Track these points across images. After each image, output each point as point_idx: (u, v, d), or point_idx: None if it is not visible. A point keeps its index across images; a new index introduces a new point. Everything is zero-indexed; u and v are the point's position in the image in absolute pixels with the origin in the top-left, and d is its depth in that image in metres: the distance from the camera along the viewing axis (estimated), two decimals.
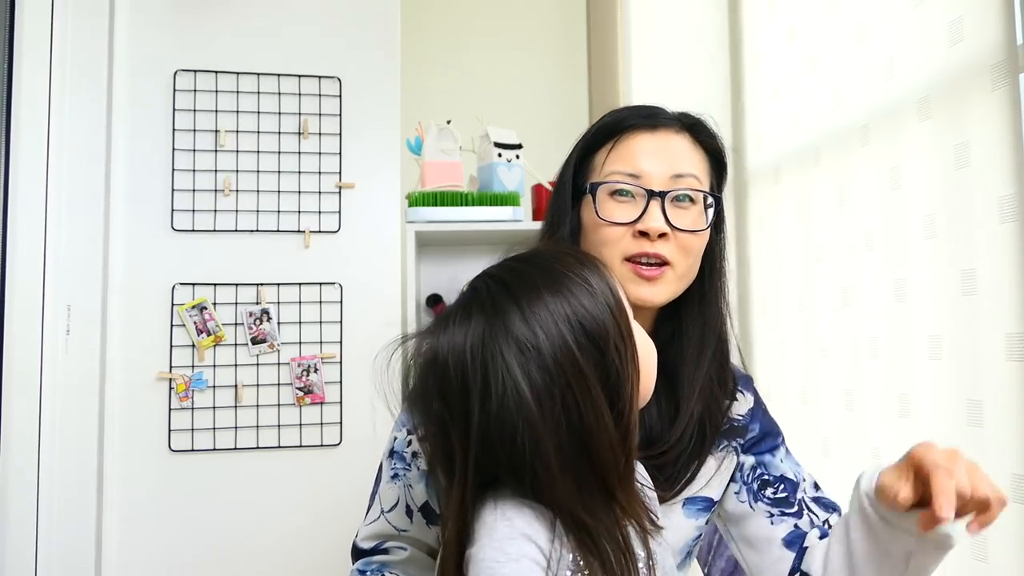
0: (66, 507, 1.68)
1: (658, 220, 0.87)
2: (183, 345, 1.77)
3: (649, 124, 0.93)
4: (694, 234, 0.90)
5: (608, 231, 0.90)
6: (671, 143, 0.92)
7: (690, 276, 0.92)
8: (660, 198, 0.88)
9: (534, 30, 2.38)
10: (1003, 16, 0.87)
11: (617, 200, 0.90)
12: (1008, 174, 0.86)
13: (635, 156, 0.91)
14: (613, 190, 0.90)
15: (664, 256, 0.88)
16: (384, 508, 0.93)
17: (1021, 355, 0.84)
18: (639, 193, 0.89)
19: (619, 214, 0.89)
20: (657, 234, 0.87)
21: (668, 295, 0.90)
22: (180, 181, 1.80)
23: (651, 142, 0.92)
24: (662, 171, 0.90)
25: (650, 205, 0.88)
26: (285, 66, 1.87)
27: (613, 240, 0.89)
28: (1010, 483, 0.85)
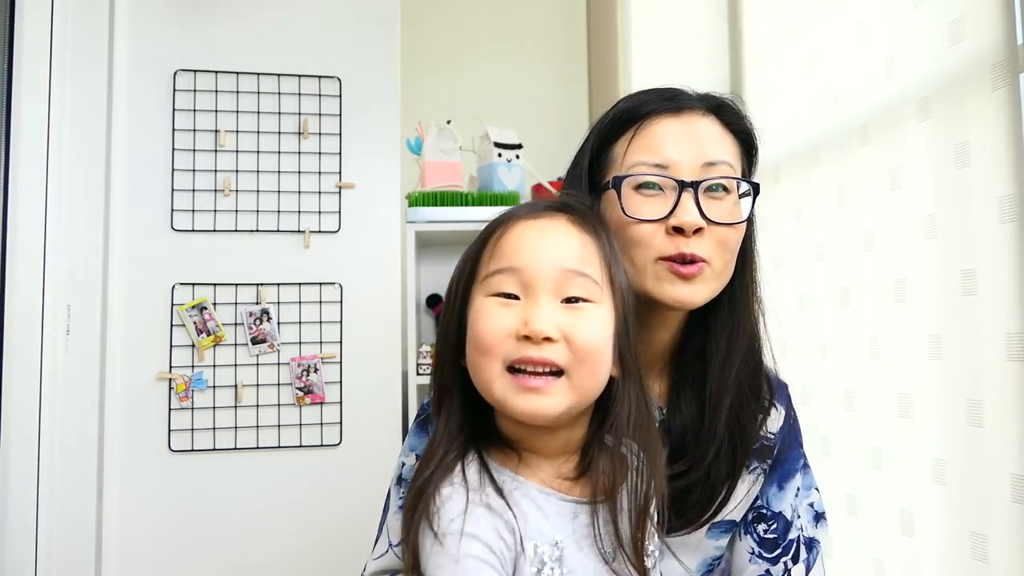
0: (66, 507, 1.67)
1: (692, 213, 0.78)
2: (183, 345, 1.77)
3: (673, 107, 0.83)
4: (731, 227, 0.81)
5: (638, 230, 0.80)
6: (698, 127, 0.82)
7: (728, 274, 0.83)
8: (693, 189, 0.79)
9: (534, 30, 2.38)
10: (1003, 16, 0.87)
11: (644, 195, 0.80)
12: (1008, 174, 0.86)
13: (660, 144, 0.81)
14: (639, 183, 0.80)
15: (700, 255, 0.79)
16: (392, 542, 0.86)
17: (1021, 355, 0.84)
18: (668, 185, 0.79)
19: (648, 210, 0.79)
20: (693, 229, 0.78)
21: (707, 295, 0.81)
22: (180, 181, 1.80)
23: (676, 127, 0.82)
24: (692, 159, 0.80)
25: (682, 197, 0.78)
26: (285, 66, 1.87)
27: (645, 239, 0.80)
28: (1010, 483, 0.85)
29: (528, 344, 0.65)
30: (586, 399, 0.69)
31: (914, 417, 1.02)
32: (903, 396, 1.04)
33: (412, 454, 0.90)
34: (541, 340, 0.65)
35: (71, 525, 1.68)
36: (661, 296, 0.80)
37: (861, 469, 1.13)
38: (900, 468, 1.05)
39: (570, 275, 0.67)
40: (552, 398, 0.66)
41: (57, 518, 1.66)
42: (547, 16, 2.40)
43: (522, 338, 0.65)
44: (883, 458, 1.08)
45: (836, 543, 1.19)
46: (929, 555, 0.99)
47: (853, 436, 1.16)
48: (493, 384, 0.67)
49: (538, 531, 0.67)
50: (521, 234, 0.70)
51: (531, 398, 0.65)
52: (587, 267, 0.68)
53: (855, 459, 1.15)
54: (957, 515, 0.93)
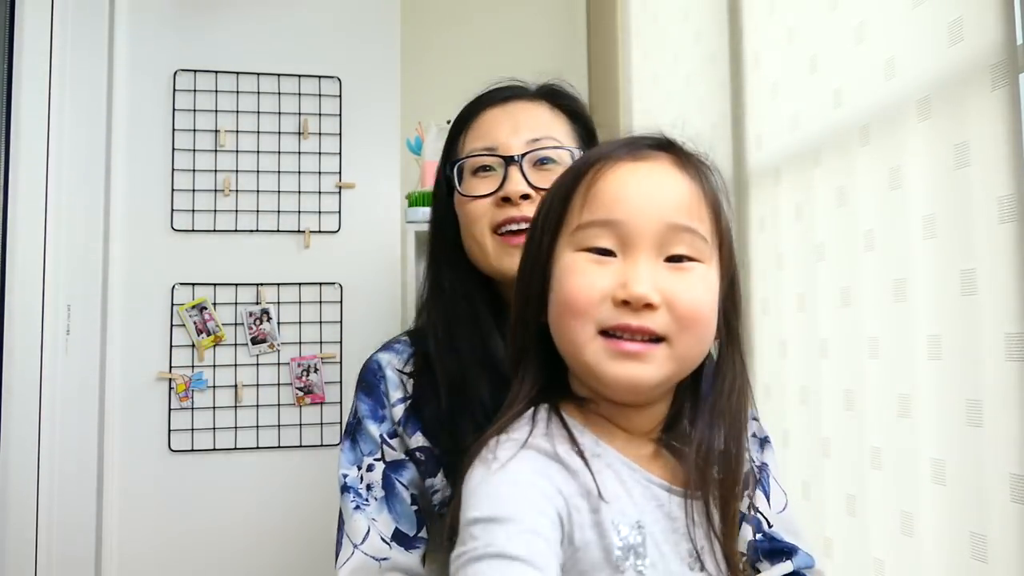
0: (66, 507, 1.67)
1: (518, 184, 0.87)
2: (183, 345, 1.77)
3: (500, 98, 0.95)
4: None
5: (473, 206, 0.90)
6: (525, 111, 0.93)
7: None
8: (518, 162, 0.88)
9: (534, 30, 2.38)
10: (1003, 16, 0.87)
11: (480, 177, 0.91)
12: (1008, 174, 0.86)
13: (489, 129, 0.92)
14: (475, 167, 0.91)
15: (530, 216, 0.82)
16: (356, 542, 0.89)
17: (1021, 355, 0.84)
18: (498, 163, 0.90)
19: (482, 187, 0.90)
20: (519, 196, 0.86)
21: None
22: (180, 181, 1.80)
23: (503, 113, 0.93)
24: (518, 138, 0.90)
25: (509, 171, 0.88)
26: (285, 66, 1.87)
27: (479, 213, 0.89)
28: (1009, 483, 0.85)
29: (626, 310, 0.57)
30: (686, 369, 0.61)
31: (914, 417, 1.02)
32: (903, 396, 1.04)
33: (353, 467, 0.94)
34: (641, 306, 0.57)
35: (71, 525, 1.68)
36: (501, 269, 0.88)
37: (861, 469, 1.13)
38: (900, 468, 1.05)
39: (676, 230, 0.59)
40: (651, 365, 0.58)
41: (57, 518, 1.66)
42: (547, 16, 2.40)
43: (620, 303, 0.57)
44: (883, 458, 1.08)
45: (836, 543, 1.19)
46: (929, 555, 0.99)
47: (853, 436, 1.16)
48: (585, 348, 0.58)
49: (619, 508, 0.58)
50: (620, 180, 0.59)
51: (628, 365, 0.58)
52: (695, 221, 0.59)
53: (855, 459, 1.15)
54: (957, 515, 0.93)
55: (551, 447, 0.58)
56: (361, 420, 0.95)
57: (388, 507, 0.89)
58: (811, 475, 1.27)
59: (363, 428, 0.94)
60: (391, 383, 0.94)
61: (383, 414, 0.93)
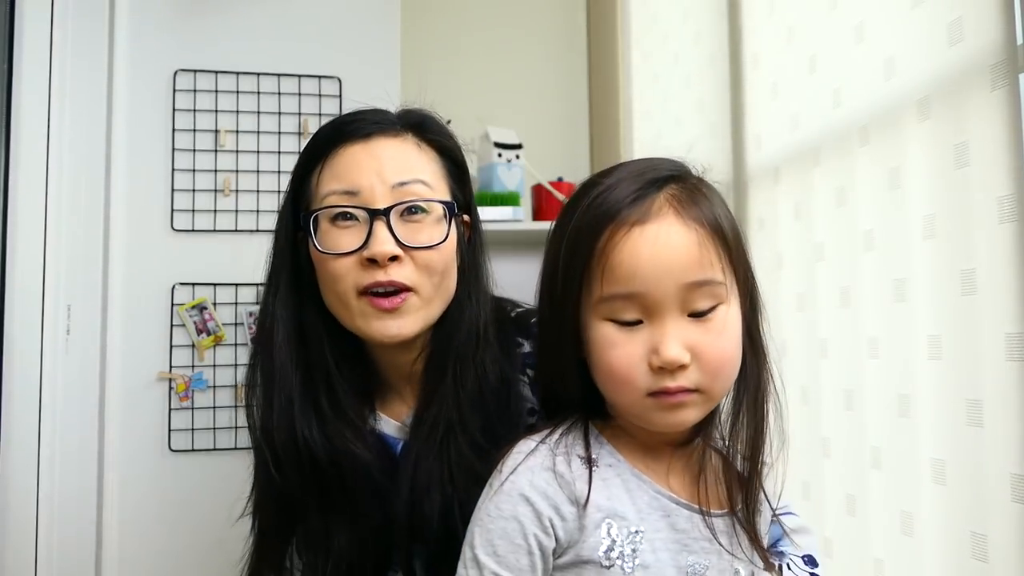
0: (66, 507, 1.67)
1: (385, 243, 0.77)
2: (183, 345, 1.77)
3: (363, 133, 0.82)
4: (431, 249, 0.79)
5: (334, 264, 0.79)
6: (389, 149, 0.82)
7: (442, 297, 0.82)
8: (384, 216, 0.78)
9: (534, 30, 2.38)
10: (1003, 16, 0.87)
11: (340, 226, 0.80)
12: (1008, 174, 0.86)
13: (349, 171, 0.80)
14: (333, 215, 0.80)
15: (402, 282, 0.78)
16: None
17: (1021, 355, 0.84)
18: (361, 214, 0.79)
19: (343, 241, 0.79)
20: (387, 258, 0.77)
21: (418, 325, 0.80)
22: (180, 181, 1.80)
23: (365, 152, 0.81)
24: (382, 183, 0.79)
25: (374, 226, 0.77)
26: (285, 66, 1.87)
27: (342, 273, 0.79)
28: (1010, 483, 0.85)
29: (663, 373, 0.63)
30: (717, 402, 0.68)
31: (914, 417, 1.02)
32: (903, 396, 1.04)
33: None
34: (675, 369, 0.63)
35: (71, 525, 1.68)
36: (370, 333, 0.80)
37: (861, 469, 1.13)
38: (900, 468, 1.05)
39: (693, 288, 0.63)
40: (691, 410, 0.65)
41: (57, 518, 1.66)
42: (547, 16, 2.40)
43: (656, 368, 0.63)
44: (883, 458, 1.08)
45: (836, 543, 1.19)
46: (929, 555, 0.99)
47: (853, 436, 1.16)
48: (634, 407, 0.66)
49: (619, 512, 0.65)
50: (633, 252, 0.62)
51: (673, 414, 0.65)
52: (708, 271, 0.63)
53: (855, 459, 1.15)
54: (957, 515, 0.93)
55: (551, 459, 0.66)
56: None
57: None
58: (811, 475, 1.27)
59: None
60: None
61: None
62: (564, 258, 0.66)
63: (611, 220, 0.64)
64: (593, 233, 0.64)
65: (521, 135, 1.89)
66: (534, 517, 0.64)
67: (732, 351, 0.65)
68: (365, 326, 0.80)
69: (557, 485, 0.65)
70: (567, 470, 0.65)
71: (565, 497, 0.64)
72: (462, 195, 0.88)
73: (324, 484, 0.82)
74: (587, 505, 0.64)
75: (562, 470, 0.65)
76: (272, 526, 0.84)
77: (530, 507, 0.64)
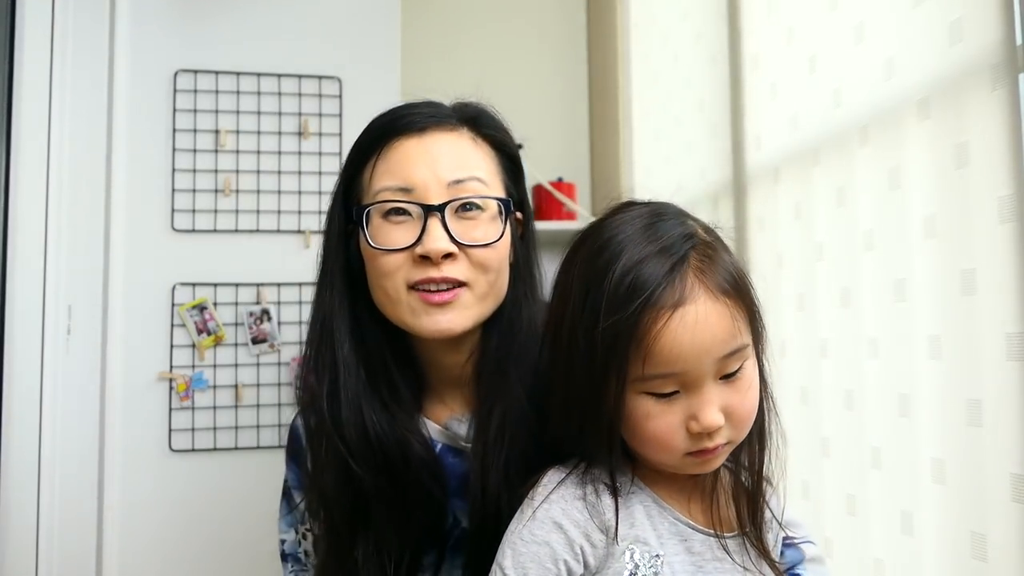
0: (66, 507, 1.67)
1: (439, 240, 0.75)
2: (183, 345, 1.77)
3: (418, 127, 0.80)
4: (487, 248, 0.78)
5: (385, 260, 0.77)
6: (445, 144, 0.80)
7: (495, 295, 0.80)
8: (439, 212, 0.76)
9: (534, 30, 2.38)
10: (1003, 16, 0.87)
11: (392, 222, 0.78)
12: (1008, 174, 0.86)
13: (403, 166, 0.78)
14: (385, 211, 0.78)
15: (455, 278, 0.76)
16: None
17: (1021, 355, 0.84)
18: (415, 210, 0.77)
19: (395, 237, 0.77)
20: (440, 256, 0.75)
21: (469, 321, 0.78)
22: (180, 181, 1.80)
23: (420, 147, 0.79)
24: (437, 179, 0.77)
25: (428, 223, 0.76)
26: (285, 66, 1.87)
27: (393, 268, 0.77)
28: (1010, 483, 0.85)
29: (702, 437, 0.66)
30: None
31: (914, 417, 1.02)
32: (903, 396, 1.04)
33: (290, 530, 0.91)
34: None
35: (71, 525, 1.68)
36: (420, 328, 0.78)
37: (861, 469, 1.13)
38: (900, 468, 1.05)
39: (727, 358, 0.65)
40: (720, 458, 0.69)
41: (57, 518, 1.66)
42: (547, 16, 2.40)
43: (695, 433, 0.65)
44: (883, 458, 1.08)
45: (836, 543, 1.20)
46: (929, 555, 0.99)
47: (853, 436, 1.16)
48: (671, 465, 0.69)
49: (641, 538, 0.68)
50: (674, 338, 0.63)
51: (707, 465, 0.69)
52: (739, 337, 0.66)
53: (855, 459, 1.15)
54: (957, 515, 0.93)
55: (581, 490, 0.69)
56: (290, 490, 0.93)
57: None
58: (811, 475, 1.27)
59: (292, 497, 0.93)
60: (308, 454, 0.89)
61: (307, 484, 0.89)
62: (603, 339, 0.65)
63: (647, 304, 0.64)
64: (631, 317, 0.64)
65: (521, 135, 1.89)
66: (566, 544, 0.67)
67: (755, 400, 0.69)
68: (414, 321, 0.78)
69: (588, 514, 0.68)
70: (596, 500, 0.68)
71: (595, 526, 0.68)
72: (516, 192, 0.86)
73: (393, 477, 0.80)
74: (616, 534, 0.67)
75: (592, 500, 0.68)
76: (345, 521, 0.81)
77: (563, 534, 0.67)
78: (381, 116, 0.84)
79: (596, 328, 0.65)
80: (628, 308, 0.64)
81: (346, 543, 0.81)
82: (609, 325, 0.64)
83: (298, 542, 0.92)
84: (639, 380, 0.65)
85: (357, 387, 0.81)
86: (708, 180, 1.66)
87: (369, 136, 0.84)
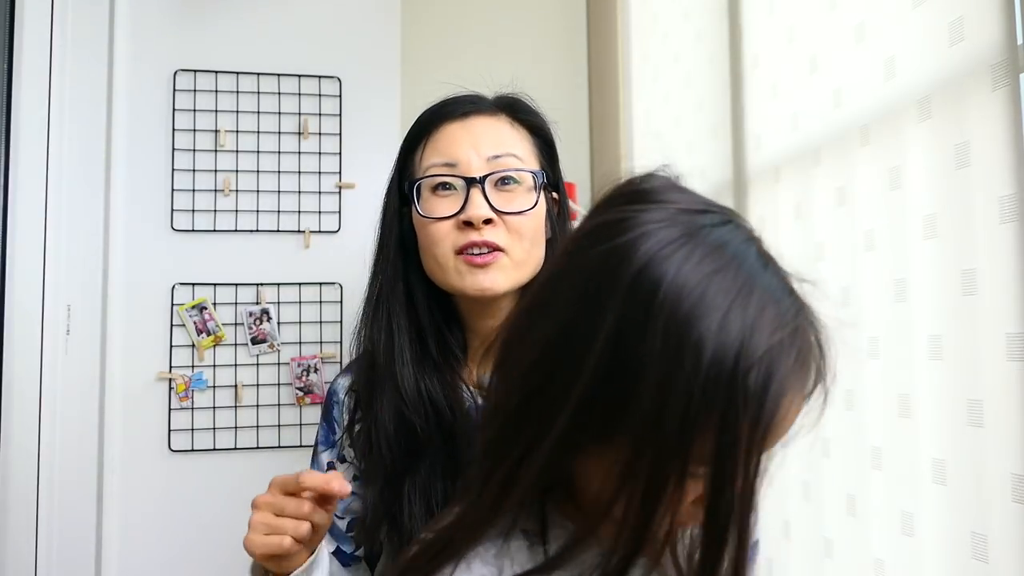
0: (66, 507, 1.67)
1: (480, 207, 0.85)
2: (183, 345, 1.77)
3: (461, 112, 0.92)
4: (523, 215, 0.87)
5: (434, 228, 0.88)
6: (485, 126, 0.91)
7: (531, 263, 0.89)
8: (480, 183, 0.86)
9: (534, 30, 2.38)
10: (1003, 16, 0.87)
11: (440, 195, 0.89)
12: (1008, 174, 0.86)
13: (448, 145, 0.89)
14: (434, 185, 0.89)
15: (495, 243, 0.85)
16: None
17: (1021, 355, 0.84)
18: (459, 183, 0.87)
19: (442, 208, 0.88)
20: (481, 221, 0.85)
21: (508, 283, 0.87)
22: (180, 181, 1.80)
23: (463, 129, 0.91)
24: (478, 156, 0.88)
25: (470, 193, 0.86)
26: (285, 66, 1.87)
27: (441, 236, 0.87)
28: (1010, 483, 0.85)
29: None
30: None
31: (914, 417, 1.02)
32: (903, 396, 1.04)
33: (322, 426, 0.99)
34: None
35: (71, 525, 1.68)
36: (464, 288, 0.87)
37: (861, 469, 1.13)
38: (900, 468, 1.05)
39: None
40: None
41: (57, 518, 1.66)
42: (547, 17, 2.40)
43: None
44: (883, 458, 1.08)
45: (836, 543, 1.19)
46: (929, 555, 0.99)
47: (853, 436, 1.16)
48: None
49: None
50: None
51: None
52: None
53: (855, 459, 1.15)
54: (957, 515, 0.93)
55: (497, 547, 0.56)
56: (316, 446, 1.00)
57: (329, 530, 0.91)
58: (811, 475, 1.27)
59: (317, 454, 0.99)
60: (345, 407, 0.97)
61: (334, 439, 0.97)
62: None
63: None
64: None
65: None
66: None
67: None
68: (459, 282, 0.87)
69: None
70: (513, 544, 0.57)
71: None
72: (552, 171, 0.97)
73: (444, 432, 0.87)
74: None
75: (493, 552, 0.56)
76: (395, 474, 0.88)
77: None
78: (430, 107, 0.95)
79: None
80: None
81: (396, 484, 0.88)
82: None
83: None
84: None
85: (412, 346, 0.90)
86: (708, 180, 1.66)
87: (420, 123, 0.95)
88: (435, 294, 0.93)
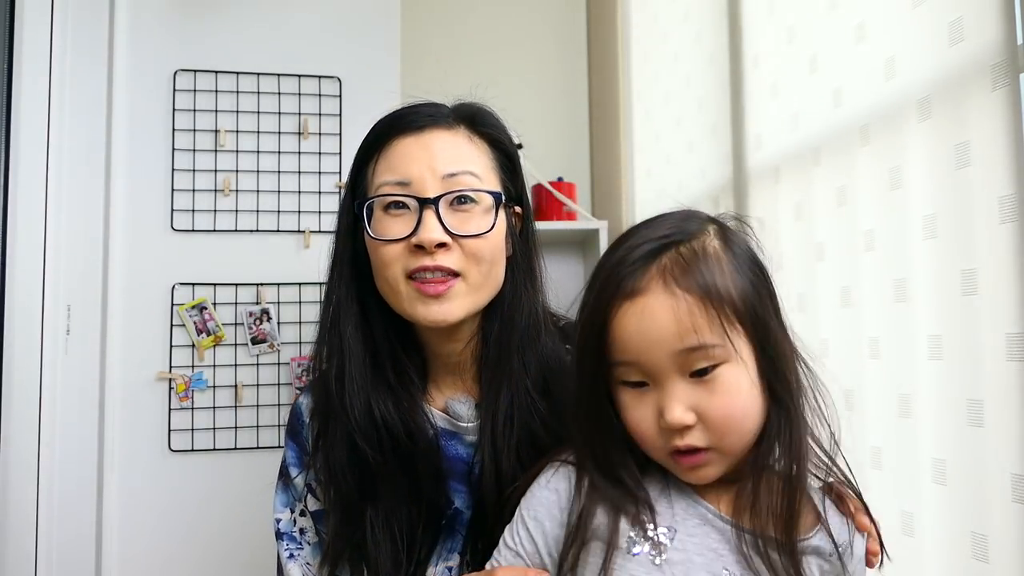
0: (66, 507, 1.67)
1: (433, 230, 0.80)
2: (183, 345, 1.77)
3: (416, 126, 0.85)
4: (479, 238, 0.82)
5: (385, 250, 0.82)
6: (441, 141, 0.84)
7: (490, 285, 0.85)
8: (433, 204, 0.81)
9: (534, 30, 2.38)
10: (1003, 16, 0.87)
11: (392, 215, 0.83)
12: (1008, 174, 0.86)
13: (401, 162, 0.83)
14: (386, 204, 0.83)
15: (449, 267, 0.81)
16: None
17: (1021, 355, 0.84)
18: (412, 203, 0.82)
19: (394, 229, 0.82)
20: (434, 245, 0.80)
21: (464, 310, 0.83)
22: (180, 181, 1.80)
23: (417, 144, 0.84)
24: (433, 174, 0.82)
25: (423, 214, 0.80)
26: (285, 66, 1.87)
27: (392, 258, 0.82)
28: (1010, 483, 0.85)
29: (674, 435, 0.66)
30: (741, 454, 0.69)
31: (914, 417, 1.02)
32: (903, 396, 1.04)
33: (286, 510, 0.94)
34: (681, 429, 0.66)
35: (71, 525, 1.68)
36: (416, 317, 0.83)
37: (861, 469, 1.13)
38: (900, 468, 1.05)
39: (684, 354, 0.64)
40: (711, 467, 0.68)
41: (57, 518, 1.66)
42: (547, 16, 2.40)
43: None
44: (883, 458, 1.08)
45: None
46: (929, 555, 0.99)
47: (854, 436, 1.16)
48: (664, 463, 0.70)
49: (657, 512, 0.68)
50: (623, 325, 0.66)
51: (696, 473, 0.68)
52: (702, 335, 0.64)
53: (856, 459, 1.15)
54: (957, 515, 0.93)
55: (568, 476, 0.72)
56: (287, 468, 0.96)
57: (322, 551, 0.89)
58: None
59: (289, 475, 0.96)
60: (308, 429, 0.94)
61: (307, 461, 0.94)
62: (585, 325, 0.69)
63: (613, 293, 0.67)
64: (602, 303, 0.68)
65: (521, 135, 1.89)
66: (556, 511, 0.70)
67: (738, 407, 0.66)
68: (412, 310, 0.83)
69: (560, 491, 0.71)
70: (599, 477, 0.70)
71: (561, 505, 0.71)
72: (513, 187, 0.91)
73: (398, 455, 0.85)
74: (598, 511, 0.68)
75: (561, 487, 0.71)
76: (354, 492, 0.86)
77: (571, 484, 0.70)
78: (385, 117, 0.89)
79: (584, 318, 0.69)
80: (601, 297, 0.68)
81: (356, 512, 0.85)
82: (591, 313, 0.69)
83: (293, 520, 0.94)
84: (613, 366, 0.68)
85: (363, 370, 0.86)
86: (708, 180, 1.66)
87: (373, 135, 0.88)
88: (392, 315, 0.88)
